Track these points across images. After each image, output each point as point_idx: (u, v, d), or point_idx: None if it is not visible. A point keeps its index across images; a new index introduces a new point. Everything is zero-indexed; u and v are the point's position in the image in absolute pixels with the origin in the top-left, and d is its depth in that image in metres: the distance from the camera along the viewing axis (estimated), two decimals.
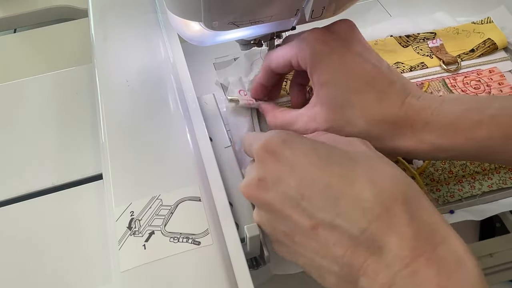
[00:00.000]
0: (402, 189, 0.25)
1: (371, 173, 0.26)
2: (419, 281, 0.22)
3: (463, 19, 0.54)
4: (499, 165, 0.41)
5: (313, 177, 0.27)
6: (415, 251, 0.23)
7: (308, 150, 0.28)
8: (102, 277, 0.34)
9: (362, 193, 0.25)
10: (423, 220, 0.24)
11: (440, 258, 0.22)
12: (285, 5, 0.33)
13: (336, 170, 0.27)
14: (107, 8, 0.49)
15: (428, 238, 0.23)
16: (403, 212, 0.24)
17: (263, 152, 0.29)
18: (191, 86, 0.42)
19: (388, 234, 0.23)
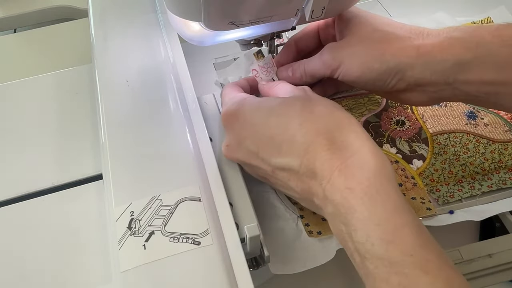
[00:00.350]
0: (323, 122, 0.31)
1: (300, 116, 0.32)
2: (335, 189, 0.28)
3: (463, 19, 0.54)
4: (499, 165, 0.41)
5: (260, 133, 0.33)
6: (331, 168, 0.29)
7: (253, 111, 0.34)
8: (102, 277, 0.34)
9: (295, 136, 0.31)
10: (340, 141, 0.30)
11: (346, 167, 0.28)
12: (285, 5, 0.33)
13: (274, 121, 0.33)
14: (107, 8, 0.49)
15: (340, 155, 0.29)
16: (324, 141, 0.30)
17: (225, 121, 0.36)
18: (191, 86, 0.42)
19: (314, 161, 0.30)
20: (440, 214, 0.38)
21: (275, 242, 0.36)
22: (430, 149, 0.43)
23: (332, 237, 0.37)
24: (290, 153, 0.31)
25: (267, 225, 0.37)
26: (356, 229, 0.27)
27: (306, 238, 0.37)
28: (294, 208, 0.39)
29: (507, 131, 0.43)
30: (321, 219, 0.38)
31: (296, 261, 0.35)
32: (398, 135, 0.44)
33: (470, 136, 0.43)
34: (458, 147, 0.43)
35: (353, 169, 0.28)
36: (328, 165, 0.29)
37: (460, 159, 0.42)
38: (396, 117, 0.45)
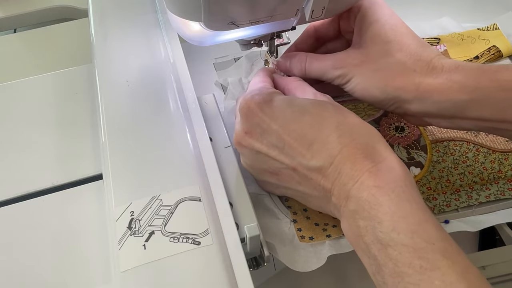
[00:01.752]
0: (357, 129, 0.32)
1: (335, 120, 0.33)
2: (363, 187, 0.30)
3: (468, 24, 0.54)
4: (498, 176, 0.41)
5: (291, 129, 0.33)
6: (362, 170, 0.30)
7: (284, 106, 0.34)
8: (102, 277, 0.34)
9: (329, 137, 0.32)
10: (371, 148, 0.31)
11: (378, 170, 0.30)
12: (285, 5, 0.33)
13: (308, 120, 0.33)
14: (107, 8, 0.49)
15: (372, 160, 0.31)
16: (357, 145, 0.31)
17: (247, 108, 0.35)
18: (191, 86, 0.42)
19: (345, 162, 0.31)
20: None
21: (267, 245, 0.36)
22: (429, 157, 0.42)
23: (325, 243, 0.37)
24: (321, 153, 0.32)
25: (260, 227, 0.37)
26: (381, 221, 0.28)
27: (298, 242, 0.37)
28: (287, 212, 0.39)
29: (508, 140, 0.43)
30: (313, 224, 0.38)
31: (288, 264, 0.35)
32: (396, 141, 0.43)
33: (470, 144, 0.43)
34: (457, 155, 0.42)
35: (383, 172, 0.30)
36: (359, 166, 0.30)
37: (459, 168, 0.41)
38: (395, 123, 0.45)
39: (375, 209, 0.29)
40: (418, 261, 0.26)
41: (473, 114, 0.35)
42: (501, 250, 0.41)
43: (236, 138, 0.36)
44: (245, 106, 0.35)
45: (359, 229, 0.29)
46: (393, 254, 0.27)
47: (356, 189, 0.30)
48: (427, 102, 0.36)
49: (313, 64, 0.40)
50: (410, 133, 0.44)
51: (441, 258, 0.26)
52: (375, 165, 0.30)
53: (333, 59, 0.39)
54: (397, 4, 0.58)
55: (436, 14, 0.55)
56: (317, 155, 0.32)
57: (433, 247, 0.27)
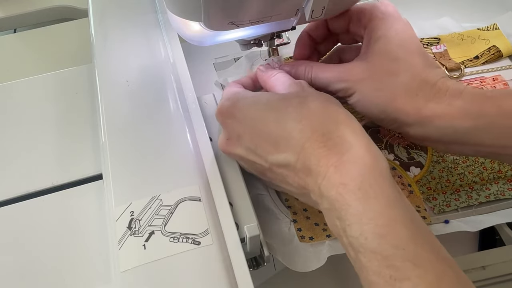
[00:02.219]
0: (320, 117, 0.31)
1: (297, 113, 0.32)
2: (330, 184, 0.28)
3: (468, 24, 0.53)
4: (498, 176, 0.41)
5: (257, 128, 0.33)
6: (327, 165, 0.29)
7: (250, 106, 0.34)
8: (102, 277, 0.34)
9: (292, 132, 0.31)
10: (336, 137, 0.30)
11: (342, 163, 0.29)
12: (285, 5, 0.33)
13: (272, 117, 0.33)
14: (107, 8, 0.49)
15: (337, 151, 0.29)
16: (320, 137, 0.30)
17: (220, 117, 0.36)
18: (191, 86, 0.42)
19: (310, 158, 0.30)
20: (435, 223, 0.38)
21: (267, 245, 0.36)
22: (429, 157, 0.42)
23: (325, 243, 0.36)
24: (286, 150, 0.31)
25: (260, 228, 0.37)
26: (350, 224, 0.27)
27: (298, 243, 0.37)
28: (287, 212, 0.39)
29: None
30: (313, 224, 0.38)
31: (288, 264, 0.35)
32: (396, 141, 0.43)
33: None
34: (457, 155, 0.42)
35: (348, 164, 0.28)
36: (324, 161, 0.29)
37: (459, 168, 0.41)
38: None
39: (344, 209, 0.28)
40: (387, 271, 0.25)
41: (474, 141, 0.34)
42: (501, 250, 0.41)
43: (220, 146, 0.37)
44: (218, 115, 0.36)
45: (337, 228, 0.28)
46: (363, 261, 0.26)
47: (324, 186, 0.29)
48: (428, 127, 0.35)
49: (318, 75, 0.39)
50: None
51: (411, 266, 0.25)
52: (340, 158, 0.29)
53: (338, 71, 0.38)
54: (397, 4, 0.58)
55: (436, 14, 0.55)
56: (283, 151, 0.31)
57: (402, 253, 0.25)
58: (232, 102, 0.35)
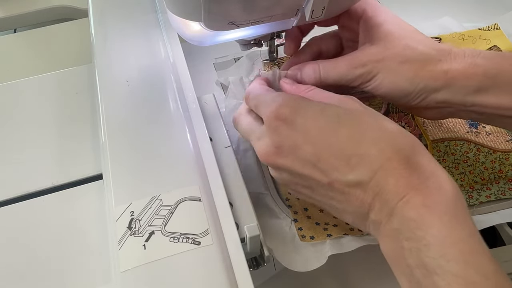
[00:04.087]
0: (399, 141, 0.30)
1: (375, 131, 0.31)
2: (411, 205, 0.27)
3: (469, 24, 0.53)
4: (498, 175, 0.41)
5: (326, 142, 0.31)
6: (407, 186, 0.28)
7: (317, 116, 0.32)
8: (102, 277, 0.34)
9: (369, 150, 0.30)
10: (415, 163, 0.29)
11: (426, 187, 0.28)
12: (285, 5, 0.33)
13: (345, 132, 0.31)
14: (107, 8, 0.49)
15: (418, 176, 0.28)
16: (400, 159, 0.29)
17: (275, 120, 0.32)
18: (191, 86, 0.42)
19: (388, 178, 0.29)
20: None
21: (268, 244, 0.36)
22: None
23: (325, 242, 0.36)
24: (360, 168, 0.30)
25: (261, 227, 0.37)
26: (428, 244, 0.26)
27: (299, 242, 0.37)
28: (288, 212, 0.39)
29: (509, 140, 0.43)
30: (314, 224, 0.38)
31: (289, 263, 0.35)
32: None
33: (471, 144, 0.43)
34: (458, 155, 0.42)
35: (432, 190, 0.28)
36: (404, 182, 0.28)
37: (460, 167, 0.41)
38: (396, 122, 0.45)
39: (423, 230, 0.26)
40: None
41: (493, 101, 0.34)
42: (501, 250, 0.41)
43: (264, 155, 0.33)
44: (273, 117, 0.32)
45: (403, 250, 0.27)
46: (440, 284, 0.25)
47: (401, 207, 0.28)
48: (454, 88, 0.35)
49: (328, 70, 0.38)
50: (411, 132, 0.44)
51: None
52: (423, 182, 0.28)
53: (349, 59, 0.37)
54: (398, 4, 0.59)
55: (437, 13, 0.55)
56: (356, 170, 0.30)
57: (487, 282, 0.24)
58: (293, 107, 0.32)
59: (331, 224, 0.38)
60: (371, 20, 0.38)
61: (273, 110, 0.32)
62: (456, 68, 0.35)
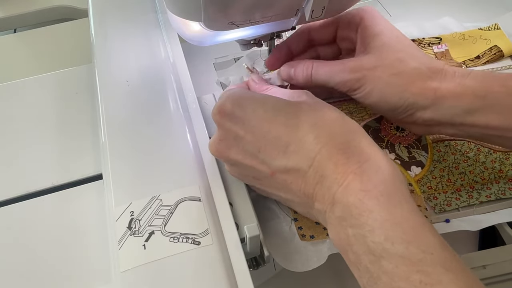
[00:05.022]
0: (337, 126, 0.31)
1: (311, 118, 0.31)
2: (349, 191, 0.28)
3: (470, 24, 0.53)
4: (499, 175, 0.41)
5: (264, 131, 0.31)
6: (346, 172, 0.28)
7: (256, 107, 0.32)
8: (102, 277, 0.34)
9: (305, 137, 0.30)
10: (353, 147, 0.29)
11: (363, 171, 0.28)
12: (285, 5, 0.33)
13: (282, 119, 0.31)
14: (107, 8, 0.49)
15: (356, 160, 0.29)
16: (337, 144, 0.29)
17: (218, 116, 0.33)
18: (191, 86, 0.42)
19: (326, 164, 0.29)
20: (436, 223, 0.38)
21: (268, 244, 0.36)
22: (430, 156, 0.42)
23: (325, 242, 0.36)
24: (298, 155, 0.30)
25: (261, 227, 0.37)
26: (372, 229, 0.26)
27: (299, 241, 0.37)
28: (288, 211, 0.39)
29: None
30: (314, 223, 0.38)
31: (288, 264, 0.35)
32: (397, 140, 0.43)
33: (471, 144, 0.43)
34: (458, 155, 0.42)
35: (369, 173, 0.28)
36: (342, 168, 0.28)
37: (460, 167, 0.41)
38: (395, 122, 0.45)
39: (364, 215, 0.27)
40: (417, 275, 0.24)
41: (482, 121, 0.34)
42: (501, 250, 0.41)
43: (211, 147, 0.34)
44: (216, 113, 0.33)
45: (348, 237, 0.27)
46: (388, 267, 0.25)
47: (341, 193, 0.28)
48: (442, 108, 0.35)
49: (319, 68, 0.38)
50: (411, 132, 0.44)
51: (442, 270, 0.24)
52: (360, 166, 0.28)
53: (342, 63, 0.37)
54: (399, 4, 0.59)
55: (437, 13, 0.55)
56: (293, 157, 0.30)
57: (432, 257, 0.25)
58: (235, 100, 0.33)
59: None
60: (368, 29, 0.38)
61: (217, 106, 0.33)
62: (446, 87, 0.35)
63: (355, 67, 0.37)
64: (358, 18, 0.38)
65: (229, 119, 0.33)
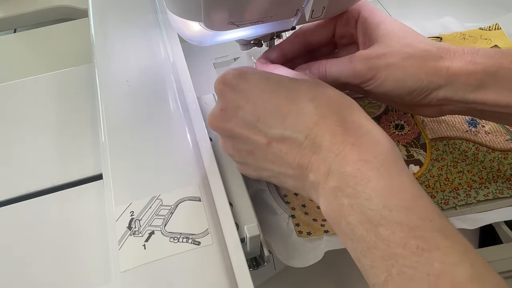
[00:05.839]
0: (336, 101, 0.31)
1: (312, 93, 0.31)
2: (346, 161, 0.28)
3: (470, 24, 0.53)
4: (497, 174, 0.41)
5: (265, 102, 0.32)
6: (343, 143, 0.28)
7: (259, 79, 0.33)
8: (102, 277, 0.34)
9: (304, 108, 0.30)
10: (351, 121, 0.30)
11: (361, 143, 0.28)
12: (285, 5, 0.33)
13: (283, 92, 0.32)
14: (107, 8, 0.49)
15: (354, 133, 0.29)
16: (336, 117, 0.30)
17: (221, 85, 0.34)
18: (191, 86, 0.42)
19: (323, 135, 0.29)
20: None
21: (266, 240, 0.36)
22: (428, 155, 0.42)
23: (322, 238, 0.37)
24: (295, 125, 0.30)
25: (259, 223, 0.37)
26: (370, 198, 0.26)
27: (296, 238, 0.37)
28: (286, 208, 0.39)
29: (508, 140, 0.43)
30: (311, 220, 0.38)
31: (286, 259, 0.35)
32: (396, 139, 0.44)
33: (470, 143, 0.43)
34: (457, 154, 0.42)
35: (367, 145, 0.28)
36: (340, 138, 0.29)
37: (458, 166, 0.41)
38: (395, 121, 0.45)
39: (362, 184, 0.27)
40: (414, 241, 0.24)
41: (492, 98, 0.34)
42: (498, 248, 0.41)
43: (210, 118, 0.34)
44: (219, 81, 0.34)
45: (342, 207, 0.27)
46: (384, 234, 0.25)
47: (338, 163, 0.28)
48: (456, 85, 0.35)
49: (332, 65, 0.38)
50: (410, 131, 0.44)
51: (440, 236, 0.24)
52: (359, 138, 0.29)
53: (351, 56, 0.38)
54: (400, 3, 0.59)
55: (438, 13, 0.55)
56: (291, 126, 0.30)
57: (430, 224, 0.25)
58: (240, 72, 0.33)
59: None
60: (368, 20, 0.38)
61: (221, 76, 0.34)
62: (457, 65, 0.35)
63: (365, 57, 0.36)
64: (356, 12, 0.39)
65: (232, 89, 0.33)
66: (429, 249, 0.24)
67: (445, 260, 0.23)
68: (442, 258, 0.23)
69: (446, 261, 0.23)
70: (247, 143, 0.33)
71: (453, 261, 0.23)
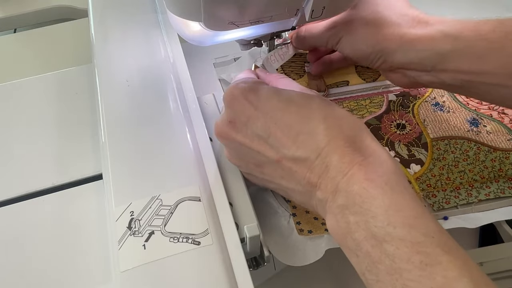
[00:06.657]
0: (345, 122, 0.32)
1: (322, 111, 0.32)
2: (354, 180, 0.29)
3: None
4: (498, 174, 0.41)
5: (276, 117, 0.32)
6: (351, 163, 0.29)
7: (270, 95, 0.33)
8: (102, 277, 0.34)
9: (316, 128, 0.31)
10: (359, 141, 0.31)
11: (368, 163, 0.29)
12: (285, 5, 0.33)
13: (294, 109, 0.32)
14: (107, 8, 0.49)
15: (361, 153, 0.30)
16: (345, 138, 0.31)
17: (231, 98, 0.34)
18: (191, 86, 0.42)
19: (333, 155, 0.30)
20: None
21: (267, 239, 0.36)
22: (429, 154, 0.42)
23: (323, 237, 0.37)
24: (307, 145, 0.31)
25: (259, 222, 0.37)
26: (375, 216, 0.27)
27: (297, 236, 0.37)
28: (287, 206, 0.39)
29: (509, 139, 0.43)
30: (313, 218, 0.38)
31: (286, 258, 0.35)
32: (397, 138, 0.44)
33: (471, 143, 0.43)
34: (458, 153, 0.42)
35: (373, 165, 0.29)
36: (348, 159, 0.30)
37: (459, 165, 0.41)
38: (397, 120, 0.45)
39: (367, 202, 0.28)
40: (417, 256, 0.25)
41: (453, 66, 0.35)
42: (499, 247, 0.41)
43: (218, 128, 0.35)
44: (229, 94, 0.34)
45: (349, 225, 0.28)
46: (389, 249, 0.26)
47: (345, 182, 0.29)
48: (410, 52, 0.37)
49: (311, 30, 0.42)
50: (411, 130, 0.44)
51: (441, 252, 0.25)
52: (365, 158, 0.30)
53: (326, 22, 0.41)
54: None
55: (437, 13, 0.55)
56: (303, 146, 0.31)
57: (432, 240, 0.26)
58: (249, 85, 0.34)
59: None
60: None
61: (231, 88, 0.34)
62: (414, 32, 0.37)
63: (332, 23, 0.40)
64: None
65: (242, 103, 0.33)
66: (432, 263, 0.25)
67: (447, 274, 0.24)
68: (444, 273, 0.25)
69: (447, 275, 0.24)
70: (256, 157, 0.34)
71: (454, 275, 0.24)
